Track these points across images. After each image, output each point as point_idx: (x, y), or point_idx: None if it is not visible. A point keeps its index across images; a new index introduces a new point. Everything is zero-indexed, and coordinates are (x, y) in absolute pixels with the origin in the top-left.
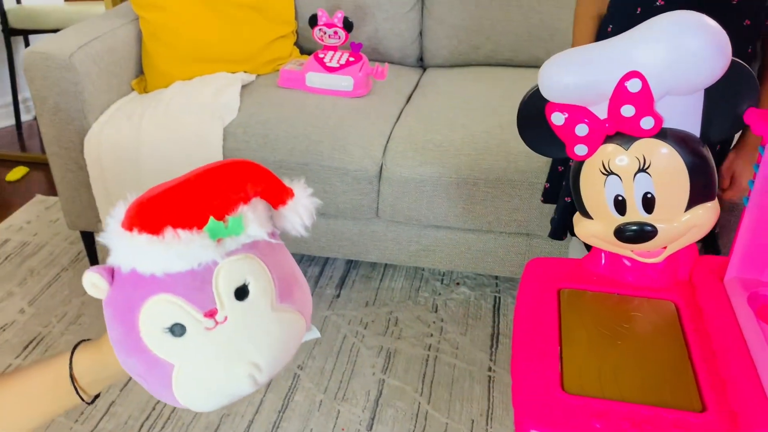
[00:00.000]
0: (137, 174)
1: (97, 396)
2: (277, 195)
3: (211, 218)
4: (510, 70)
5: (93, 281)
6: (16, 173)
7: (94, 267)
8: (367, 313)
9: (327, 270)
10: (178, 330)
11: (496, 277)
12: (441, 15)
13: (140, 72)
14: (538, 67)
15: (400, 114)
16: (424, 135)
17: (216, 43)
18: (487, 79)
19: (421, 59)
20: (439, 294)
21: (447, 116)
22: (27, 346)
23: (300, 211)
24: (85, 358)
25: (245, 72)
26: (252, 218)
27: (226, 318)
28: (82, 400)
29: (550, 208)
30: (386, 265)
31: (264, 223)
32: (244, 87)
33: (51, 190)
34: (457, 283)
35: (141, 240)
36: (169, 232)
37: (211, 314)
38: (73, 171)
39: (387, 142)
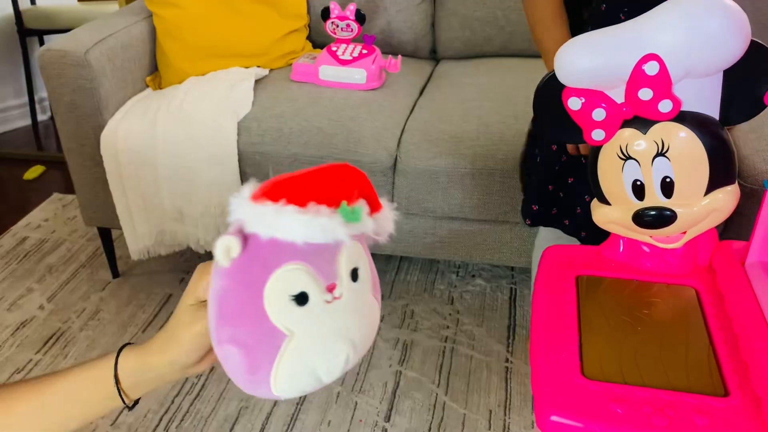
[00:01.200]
0: (153, 169)
1: (137, 401)
2: (374, 204)
3: (344, 203)
4: (524, 60)
5: (230, 245)
6: (33, 172)
7: (230, 232)
8: (384, 306)
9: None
10: (301, 299)
11: (512, 268)
12: (453, 6)
13: (154, 68)
14: None
15: (414, 106)
16: (439, 126)
17: (229, 39)
18: (500, 70)
19: (434, 51)
20: (455, 286)
21: (461, 107)
22: (47, 342)
23: (385, 223)
24: (129, 359)
25: (258, 66)
26: (365, 212)
27: (342, 295)
28: (124, 403)
29: None
30: (401, 258)
31: (369, 219)
32: (257, 81)
33: (68, 188)
34: (473, 276)
35: (288, 210)
36: (313, 206)
37: (331, 289)
38: (90, 167)
39: (401, 134)
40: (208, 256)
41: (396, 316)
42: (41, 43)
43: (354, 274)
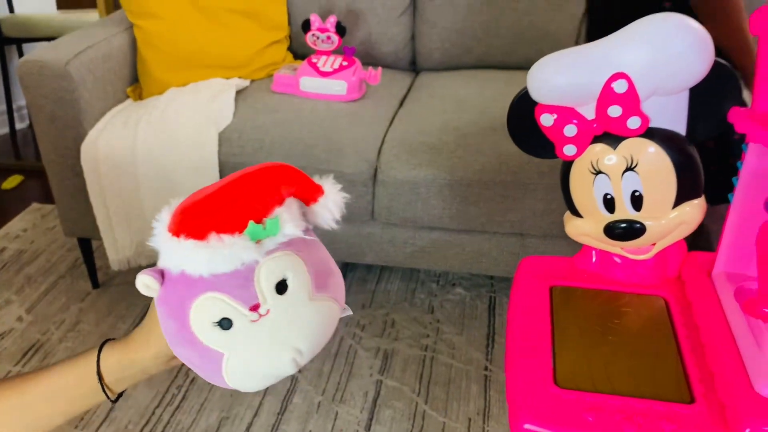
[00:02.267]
0: (134, 180)
1: (120, 395)
2: (309, 193)
3: (251, 222)
4: (502, 72)
5: (146, 283)
6: (12, 181)
7: (147, 269)
8: (364, 315)
9: None
10: (225, 323)
11: (491, 278)
12: (433, 18)
13: (135, 79)
14: (529, 69)
15: (394, 117)
16: (418, 137)
17: (210, 50)
18: (479, 82)
19: (413, 63)
20: (435, 295)
21: (440, 119)
22: (26, 354)
23: (330, 207)
24: (111, 355)
25: (239, 78)
26: (287, 218)
27: (268, 311)
28: (108, 397)
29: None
30: (382, 267)
31: (298, 222)
32: (238, 92)
33: (47, 198)
34: (453, 284)
35: (188, 245)
36: (213, 237)
37: (255, 308)
38: (70, 178)
39: (381, 145)
40: None
41: (377, 326)
42: (20, 51)
43: (281, 287)
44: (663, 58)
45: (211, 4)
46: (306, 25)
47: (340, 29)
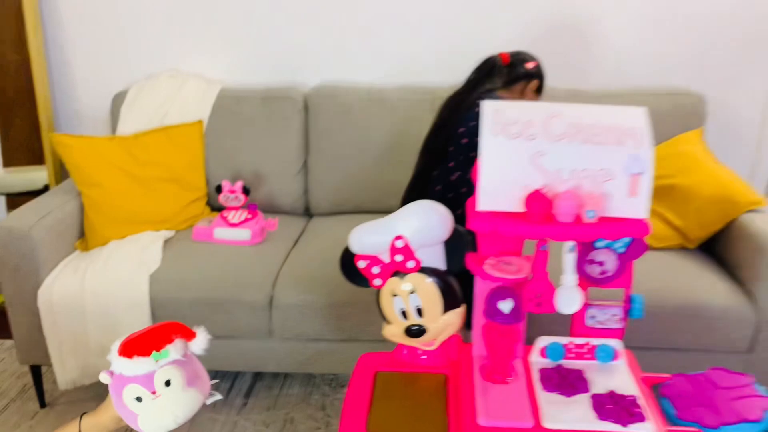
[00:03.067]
0: (82, 317)
1: None
2: (188, 336)
3: (154, 351)
4: (375, 215)
5: (104, 377)
6: None
7: (105, 371)
8: (269, 416)
9: (237, 383)
10: (138, 399)
11: None
12: (320, 177)
13: (82, 234)
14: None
15: (288, 255)
16: (305, 271)
17: (142, 209)
18: (356, 223)
19: (307, 210)
20: (327, 395)
21: (324, 255)
22: None
23: (198, 342)
24: (87, 420)
25: (166, 230)
26: (173, 350)
27: (160, 395)
28: None
29: None
30: (285, 375)
31: (179, 350)
32: (165, 241)
33: None
34: (342, 385)
35: (124, 360)
36: (135, 357)
37: (153, 393)
38: (27, 316)
39: (276, 278)
40: None
41: (279, 424)
42: None
43: (167, 383)
44: (424, 226)
45: (143, 174)
46: (219, 189)
47: (246, 190)
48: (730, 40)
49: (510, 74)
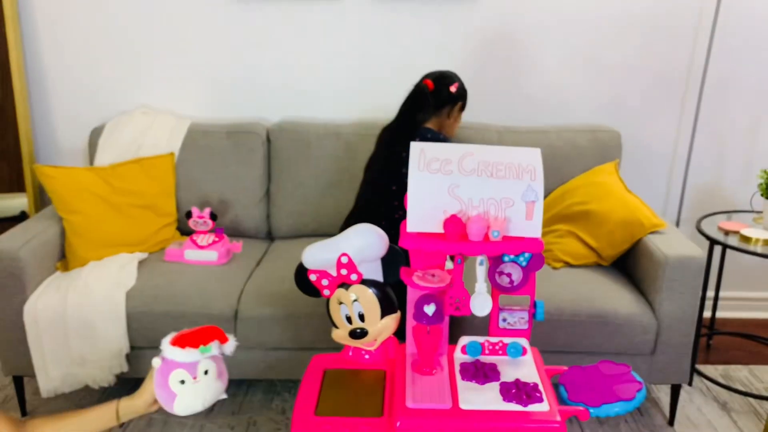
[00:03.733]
0: (64, 329)
1: (123, 424)
2: (223, 339)
3: (201, 345)
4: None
5: (155, 362)
6: None
7: (157, 356)
8: (233, 420)
9: None
10: (182, 382)
11: None
12: (281, 203)
13: (63, 256)
14: None
15: (251, 274)
16: (266, 287)
17: (119, 233)
18: None
19: (269, 233)
20: (287, 401)
21: (284, 273)
22: None
23: (229, 345)
24: (125, 403)
25: (140, 251)
26: (214, 346)
27: (199, 381)
28: (120, 426)
29: None
30: (249, 383)
31: (217, 348)
32: (140, 262)
33: None
34: None
35: (176, 350)
36: (187, 348)
37: (194, 378)
38: (13, 331)
39: (240, 294)
40: (102, 391)
41: (243, 426)
42: None
43: (206, 372)
44: (365, 244)
45: (119, 201)
46: (188, 214)
47: (213, 216)
48: (642, 85)
49: (436, 100)
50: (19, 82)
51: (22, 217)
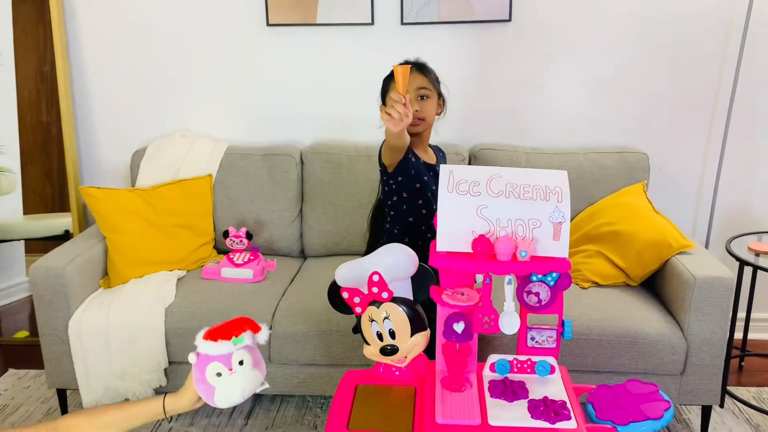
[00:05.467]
0: (106, 344)
1: (172, 418)
2: (255, 329)
3: (233, 337)
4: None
5: (191, 357)
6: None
7: (193, 352)
8: None
9: (239, 406)
10: (218, 374)
11: None
12: (313, 223)
13: (105, 273)
14: None
15: (285, 291)
16: (300, 305)
17: (159, 252)
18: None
19: (302, 252)
20: (319, 416)
21: (316, 291)
22: None
23: (262, 335)
24: (170, 400)
25: (179, 269)
26: (247, 336)
27: (235, 372)
28: (167, 419)
29: None
30: (282, 399)
31: (250, 338)
32: (179, 280)
33: (21, 364)
34: None
35: (209, 343)
36: (220, 340)
37: (230, 370)
38: (58, 345)
39: (275, 311)
40: None
41: None
42: None
43: (240, 363)
44: (396, 263)
45: (160, 221)
46: (225, 234)
47: (249, 235)
48: (670, 106)
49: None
50: (66, 106)
51: (66, 236)
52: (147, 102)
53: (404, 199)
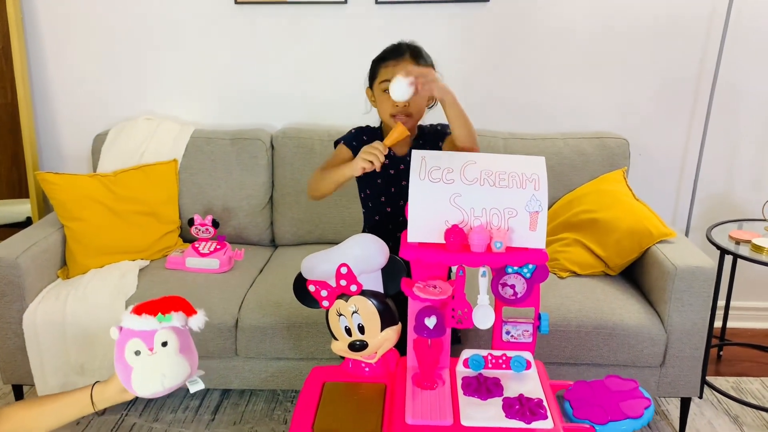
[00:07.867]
0: (63, 338)
1: (102, 412)
2: (189, 312)
3: (159, 314)
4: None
5: (113, 333)
6: None
7: (115, 326)
8: (235, 430)
9: (205, 401)
10: (137, 353)
11: None
12: (284, 211)
13: (64, 263)
14: None
15: (253, 282)
16: (268, 296)
17: (120, 241)
18: None
19: (273, 240)
20: (289, 411)
21: (285, 281)
22: None
23: (197, 320)
24: (98, 388)
25: (142, 259)
26: (176, 317)
27: (156, 353)
28: (96, 412)
29: None
30: (251, 393)
31: (180, 320)
32: (141, 270)
33: None
34: None
35: (133, 317)
36: (144, 315)
37: (151, 349)
38: (12, 339)
39: (242, 302)
40: None
41: None
42: None
43: (164, 344)
44: (365, 255)
45: (122, 208)
46: (191, 222)
47: (215, 224)
48: (650, 92)
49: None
50: (23, 89)
51: (28, 223)
52: (109, 84)
53: (368, 195)
